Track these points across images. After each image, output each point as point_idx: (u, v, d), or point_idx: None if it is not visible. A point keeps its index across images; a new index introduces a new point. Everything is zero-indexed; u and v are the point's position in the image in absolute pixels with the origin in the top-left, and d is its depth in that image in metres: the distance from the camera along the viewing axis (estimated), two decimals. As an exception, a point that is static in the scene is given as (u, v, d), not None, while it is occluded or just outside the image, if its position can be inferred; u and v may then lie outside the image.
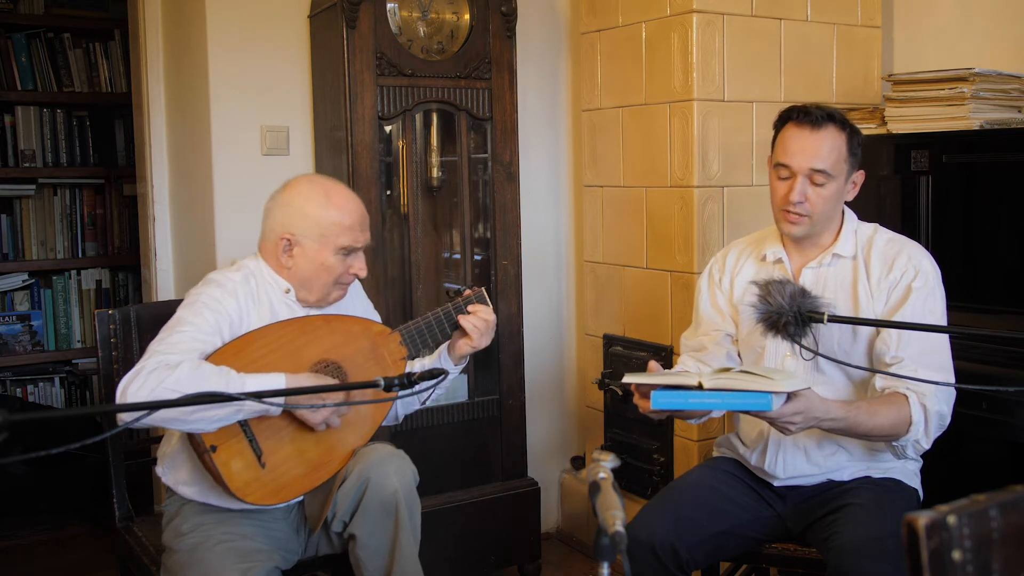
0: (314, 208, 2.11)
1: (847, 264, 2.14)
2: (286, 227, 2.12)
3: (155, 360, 1.90)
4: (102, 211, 4.33)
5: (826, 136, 2.06)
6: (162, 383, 1.84)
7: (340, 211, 2.12)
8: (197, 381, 1.85)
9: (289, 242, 2.12)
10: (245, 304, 2.09)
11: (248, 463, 1.98)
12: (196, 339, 1.97)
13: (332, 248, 2.11)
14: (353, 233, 2.12)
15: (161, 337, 1.99)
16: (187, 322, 2.00)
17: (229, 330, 2.04)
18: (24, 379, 4.20)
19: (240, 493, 1.97)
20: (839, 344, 2.09)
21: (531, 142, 3.40)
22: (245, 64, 3.03)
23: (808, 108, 2.09)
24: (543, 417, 3.51)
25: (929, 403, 1.96)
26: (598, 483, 1.26)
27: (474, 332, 2.21)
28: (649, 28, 3.02)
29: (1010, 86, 2.66)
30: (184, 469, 2.12)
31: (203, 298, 2.06)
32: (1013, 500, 0.96)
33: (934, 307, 2.06)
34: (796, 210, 2.08)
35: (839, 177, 2.08)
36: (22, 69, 4.14)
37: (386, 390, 1.78)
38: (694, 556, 2.03)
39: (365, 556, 2.06)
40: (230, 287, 2.09)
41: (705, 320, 2.30)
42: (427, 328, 2.22)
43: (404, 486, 2.06)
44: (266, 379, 1.92)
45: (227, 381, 1.88)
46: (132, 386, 1.86)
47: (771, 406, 1.79)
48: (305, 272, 2.13)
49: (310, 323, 2.12)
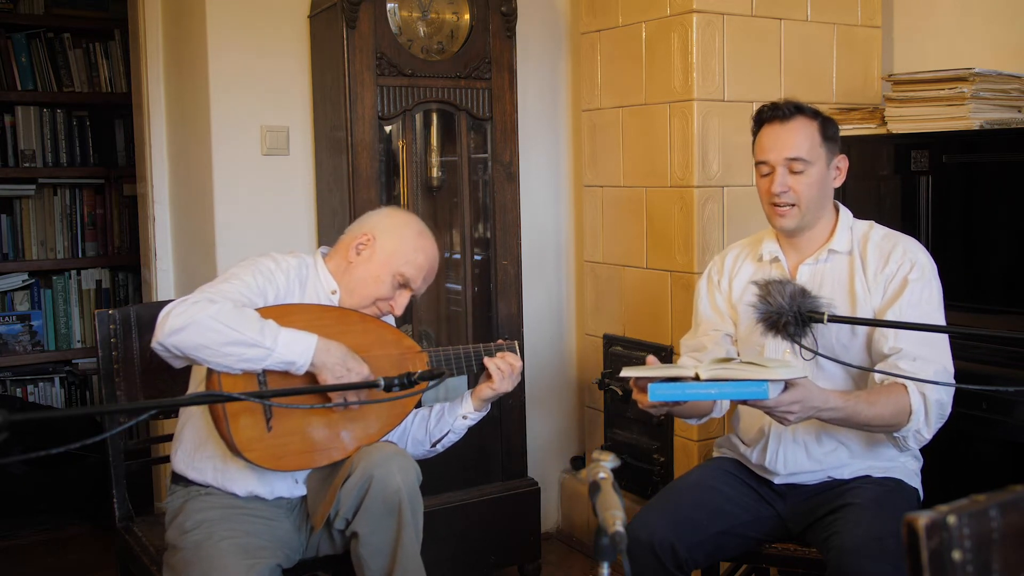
0: (406, 234, 2.26)
1: (843, 260, 2.15)
2: (375, 231, 2.25)
3: (201, 295, 2.01)
4: (102, 211, 4.33)
5: (796, 126, 2.12)
6: (205, 311, 1.94)
7: (422, 249, 2.25)
8: (237, 318, 1.95)
9: (368, 241, 2.23)
10: (292, 286, 2.19)
11: (256, 422, 2.03)
12: (242, 293, 2.07)
13: (393, 270, 2.22)
14: (417, 273, 2.24)
15: (211, 284, 2.09)
16: (237, 277, 2.11)
17: (273, 299, 2.13)
18: (24, 379, 4.20)
19: (242, 447, 2.01)
20: (837, 339, 2.10)
21: (531, 142, 3.40)
22: (245, 64, 3.03)
23: (777, 104, 2.15)
24: (543, 417, 3.51)
25: (928, 391, 1.96)
26: (598, 483, 1.26)
27: (496, 374, 2.29)
28: (649, 28, 3.02)
29: (1010, 86, 2.66)
30: (189, 442, 2.17)
31: (258, 264, 2.16)
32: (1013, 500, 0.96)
33: (931, 298, 2.07)
34: (781, 200, 2.12)
35: (817, 163, 2.11)
36: (22, 69, 4.14)
37: (386, 390, 1.82)
38: (694, 556, 2.03)
39: (367, 554, 2.06)
40: (284, 265, 2.20)
41: (704, 321, 2.31)
42: (455, 358, 2.29)
43: (407, 484, 2.06)
44: (300, 336, 2.00)
45: (263, 326, 1.97)
46: (176, 310, 1.96)
47: (768, 395, 1.79)
48: (358, 274, 2.22)
49: (349, 316, 2.20)
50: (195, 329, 1.92)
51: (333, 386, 2.00)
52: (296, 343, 1.98)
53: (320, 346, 2.00)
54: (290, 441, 2.07)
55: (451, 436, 2.36)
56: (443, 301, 3.21)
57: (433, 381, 1.94)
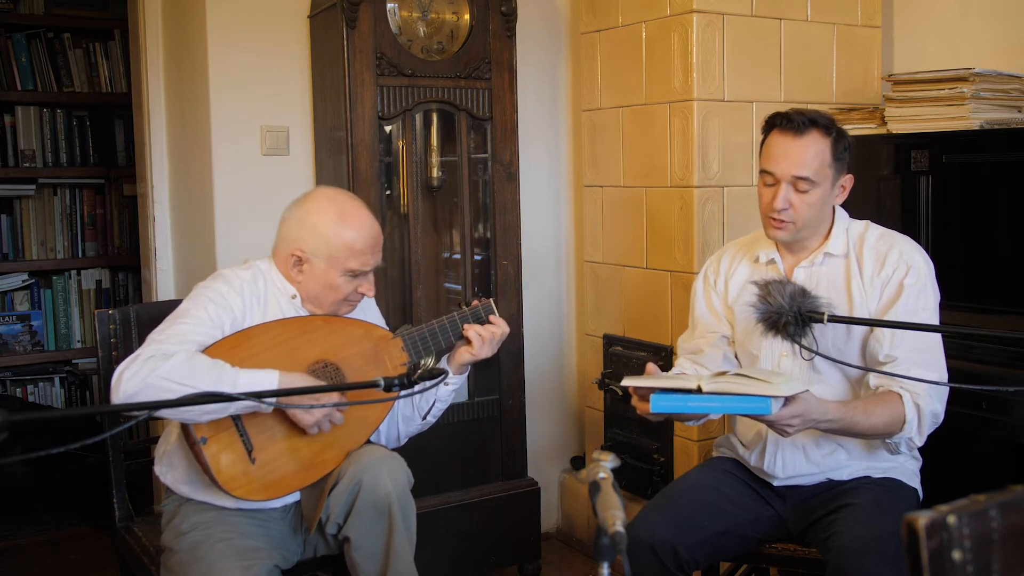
0: (327, 227, 2.11)
1: (839, 262, 2.15)
2: (298, 243, 2.13)
3: (151, 349, 1.93)
4: (102, 211, 4.33)
5: (808, 142, 2.06)
6: (155, 371, 1.86)
7: (353, 233, 2.11)
8: (190, 371, 1.87)
9: (299, 259, 2.13)
10: (250, 303, 2.10)
11: (238, 457, 1.98)
12: (196, 331, 1.99)
13: (340, 270, 2.12)
14: (363, 257, 2.13)
15: (161, 328, 2.01)
16: (189, 314, 2.02)
17: (231, 326, 2.05)
18: (24, 379, 4.20)
19: (227, 486, 1.97)
20: (833, 343, 2.10)
21: (531, 142, 3.40)
22: (245, 64, 3.03)
23: (791, 114, 2.09)
24: (543, 417, 3.51)
25: (923, 402, 1.97)
26: (598, 483, 1.26)
27: (476, 340, 2.22)
28: (649, 28, 3.02)
29: (1010, 86, 2.66)
30: (181, 467, 2.12)
31: (209, 292, 2.07)
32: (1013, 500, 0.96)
33: (926, 303, 2.07)
34: (780, 216, 2.09)
35: (823, 183, 2.08)
36: (22, 69, 4.14)
37: (386, 390, 1.78)
38: (694, 556, 2.03)
39: (360, 559, 2.05)
40: (237, 284, 2.10)
41: (701, 323, 2.30)
42: (430, 335, 2.22)
43: (397, 488, 2.04)
44: (260, 375, 1.93)
45: (220, 374, 1.90)
46: (127, 373, 1.88)
47: (770, 410, 1.79)
48: (313, 289, 2.15)
49: (310, 323, 2.13)
50: (150, 393, 1.85)
51: (333, 386, 1.99)
52: (256, 385, 1.91)
53: (283, 382, 1.94)
54: (278, 467, 2.03)
55: (439, 405, 2.30)
56: (443, 301, 3.21)
57: (433, 381, 1.93)
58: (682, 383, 1.85)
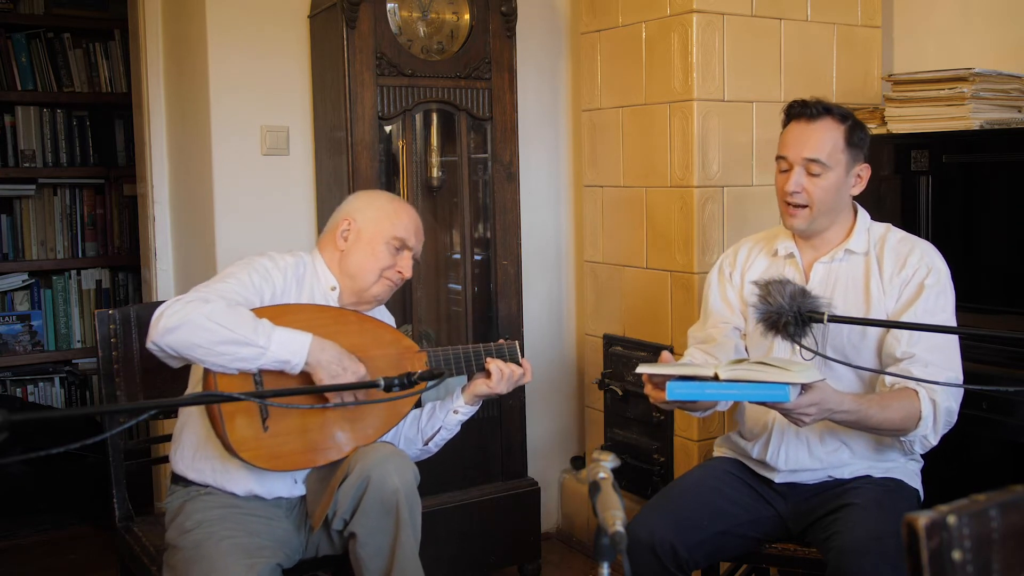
0: (379, 200, 2.32)
1: (859, 260, 2.15)
2: (350, 213, 2.28)
3: (195, 294, 2.02)
4: (102, 211, 4.33)
5: (821, 127, 2.10)
6: (198, 310, 1.94)
7: (402, 210, 2.30)
8: (230, 316, 1.95)
9: (348, 227, 2.25)
10: (290, 283, 2.20)
11: (252, 422, 2.03)
12: (238, 291, 2.07)
13: (385, 236, 2.24)
14: (408, 230, 2.27)
15: (205, 284, 2.09)
16: (233, 276, 2.12)
17: (270, 298, 2.14)
18: (24, 379, 4.20)
19: (236, 446, 2.01)
20: (848, 340, 2.10)
21: (531, 142, 3.39)
22: (245, 64, 3.03)
23: (807, 101, 2.13)
24: (543, 417, 3.51)
25: (939, 399, 1.97)
26: (598, 483, 1.26)
27: (496, 374, 2.28)
28: (649, 28, 3.02)
29: (1010, 86, 2.66)
30: (189, 445, 2.17)
31: (254, 263, 2.17)
32: (1013, 500, 0.96)
33: (945, 305, 2.08)
34: (793, 200, 2.11)
35: (836, 168, 2.10)
36: (22, 69, 4.14)
37: (386, 390, 1.82)
38: (694, 556, 2.03)
39: (365, 555, 2.06)
40: (281, 263, 2.21)
41: (714, 313, 2.30)
42: (454, 358, 2.28)
43: (405, 485, 2.06)
44: (295, 335, 2.00)
45: (257, 325, 1.97)
46: (169, 310, 1.96)
47: (788, 397, 1.78)
48: (354, 258, 2.24)
49: (345, 316, 2.20)
50: (188, 328, 1.92)
51: (331, 386, 2.00)
52: (291, 342, 1.98)
53: (315, 345, 2.00)
54: (286, 441, 2.07)
55: (443, 433, 2.34)
56: (443, 301, 3.21)
57: (432, 381, 1.94)
58: (699, 370, 1.85)
